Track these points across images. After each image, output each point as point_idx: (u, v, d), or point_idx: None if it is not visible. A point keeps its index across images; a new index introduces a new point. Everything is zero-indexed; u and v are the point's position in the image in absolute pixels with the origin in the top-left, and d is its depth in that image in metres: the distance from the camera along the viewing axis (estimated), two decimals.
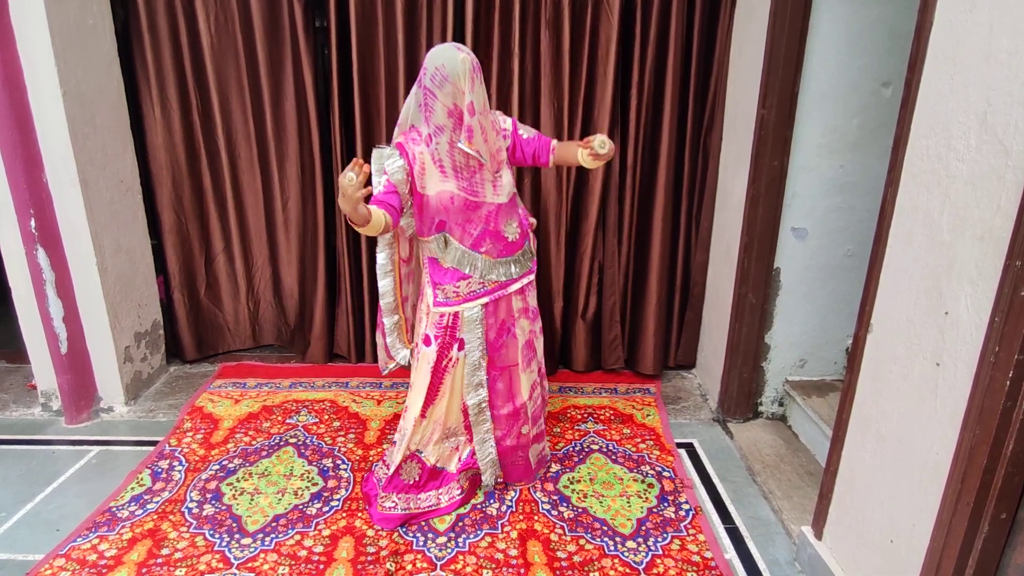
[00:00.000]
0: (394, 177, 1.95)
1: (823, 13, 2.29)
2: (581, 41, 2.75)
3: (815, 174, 2.47)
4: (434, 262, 2.11)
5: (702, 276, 3.08)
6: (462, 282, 2.07)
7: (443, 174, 1.98)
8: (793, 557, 2.07)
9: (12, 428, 2.78)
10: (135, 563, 1.99)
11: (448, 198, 1.99)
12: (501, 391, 2.22)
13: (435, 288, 2.11)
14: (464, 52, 1.87)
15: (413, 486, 2.17)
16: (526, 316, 2.23)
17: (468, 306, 2.09)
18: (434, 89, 1.88)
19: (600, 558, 2.03)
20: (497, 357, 2.18)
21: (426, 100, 1.91)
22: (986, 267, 1.30)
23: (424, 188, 1.99)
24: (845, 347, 2.67)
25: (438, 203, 1.99)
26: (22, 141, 2.46)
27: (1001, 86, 1.27)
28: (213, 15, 2.84)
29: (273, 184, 3.11)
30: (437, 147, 1.95)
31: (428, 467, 2.18)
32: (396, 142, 2.02)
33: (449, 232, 2.05)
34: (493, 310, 2.14)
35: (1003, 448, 1.27)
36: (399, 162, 1.96)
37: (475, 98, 1.88)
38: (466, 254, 2.05)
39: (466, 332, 2.12)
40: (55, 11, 2.42)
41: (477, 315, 2.10)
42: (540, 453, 2.39)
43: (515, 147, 2.12)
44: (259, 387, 3.07)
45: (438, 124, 1.92)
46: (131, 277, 2.94)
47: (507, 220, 2.09)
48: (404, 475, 2.17)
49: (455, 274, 2.07)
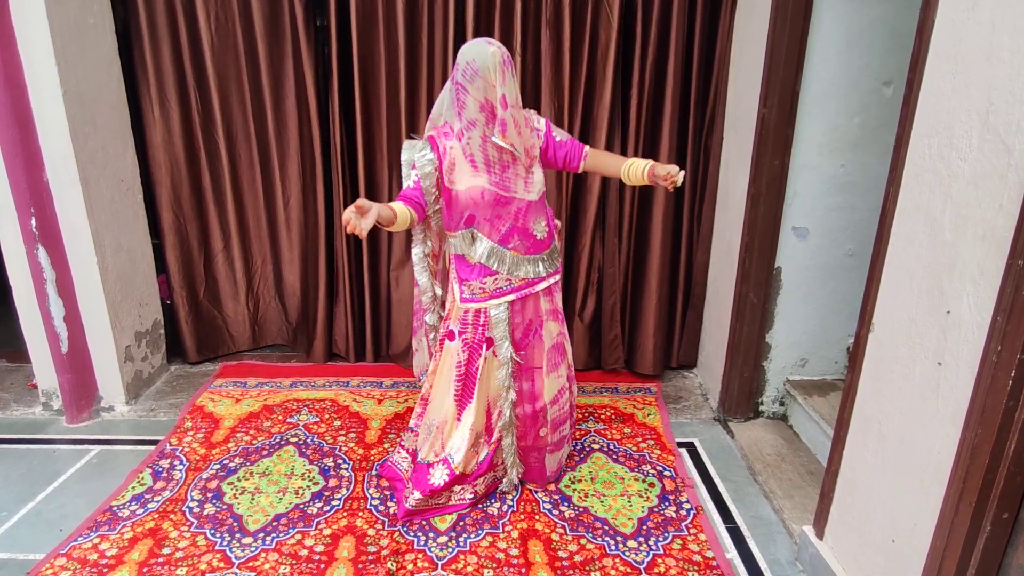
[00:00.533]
0: (422, 171, 1.97)
1: (824, 11, 2.29)
2: (581, 40, 2.74)
3: (816, 173, 2.47)
4: (460, 258, 2.10)
5: (703, 276, 3.08)
6: (488, 278, 2.06)
7: (475, 169, 1.98)
8: (794, 557, 2.06)
9: (13, 427, 2.78)
10: (136, 562, 1.99)
11: (479, 193, 1.98)
12: (523, 391, 2.21)
13: (461, 284, 2.10)
14: (495, 46, 1.87)
15: (442, 488, 2.16)
16: (554, 318, 2.21)
17: (494, 303, 2.08)
18: (465, 84, 1.88)
19: (601, 557, 2.03)
20: (521, 357, 2.17)
21: (458, 95, 1.92)
22: (988, 266, 1.30)
23: (453, 183, 1.99)
24: (846, 346, 2.67)
25: (468, 198, 1.99)
26: (23, 140, 2.46)
27: (1003, 85, 1.26)
28: (213, 14, 2.84)
29: (273, 183, 3.11)
30: (469, 141, 1.95)
31: (456, 474, 2.16)
32: (428, 135, 2.02)
33: (477, 227, 2.04)
34: (520, 308, 2.13)
35: (1005, 448, 1.26)
36: (429, 155, 1.97)
37: (507, 91, 1.88)
38: (495, 249, 2.04)
39: (494, 331, 2.11)
40: (55, 10, 2.42)
41: (504, 313, 2.09)
42: (559, 461, 2.38)
43: (547, 148, 2.09)
44: (260, 386, 3.07)
45: (470, 119, 1.92)
46: (131, 276, 2.94)
47: (536, 218, 2.08)
48: (433, 479, 2.16)
49: (482, 270, 2.06)
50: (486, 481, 2.25)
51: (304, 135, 3.01)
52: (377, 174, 3.03)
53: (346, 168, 2.99)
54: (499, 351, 2.12)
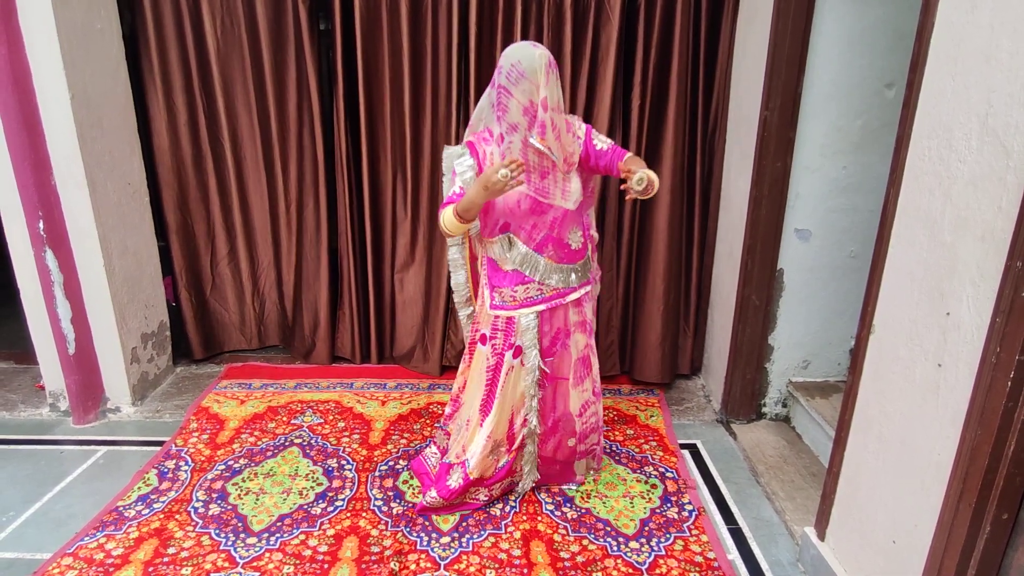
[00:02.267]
0: (463, 177, 1.95)
1: (826, 13, 2.29)
2: (583, 41, 2.76)
3: (818, 175, 2.47)
4: (493, 264, 2.10)
5: (706, 278, 3.07)
6: (520, 287, 2.06)
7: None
8: (796, 558, 2.07)
9: (20, 428, 2.80)
10: (142, 562, 2.00)
11: (515, 200, 1.96)
12: (547, 401, 2.21)
13: (492, 290, 2.10)
14: (540, 48, 1.86)
15: (457, 491, 2.18)
16: (581, 330, 2.19)
17: (524, 312, 2.08)
18: (510, 86, 1.85)
19: (603, 558, 2.03)
20: (548, 366, 2.17)
21: (500, 98, 1.88)
22: (987, 268, 1.30)
23: None
24: (848, 348, 2.66)
25: (504, 204, 1.97)
26: (30, 144, 2.48)
27: (1002, 87, 1.27)
28: (219, 19, 2.86)
29: (278, 186, 3.13)
30: (510, 146, 1.92)
31: (471, 479, 2.17)
32: (467, 141, 2.02)
33: (514, 234, 2.04)
34: (548, 317, 2.11)
35: (1004, 449, 1.27)
36: (469, 161, 1.97)
37: (549, 94, 1.86)
38: (529, 255, 2.03)
39: (522, 339, 2.09)
40: (63, 15, 2.45)
41: (533, 321, 2.09)
42: (587, 466, 2.40)
43: (587, 156, 2.03)
44: (264, 388, 3.09)
45: (512, 122, 1.89)
46: (138, 278, 2.96)
47: (572, 228, 2.06)
48: (451, 481, 2.19)
49: (515, 277, 2.05)
50: (503, 486, 2.26)
51: (308, 138, 3.02)
52: (381, 176, 3.05)
53: (350, 170, 3.01)
54: (527, 359, 2.12)
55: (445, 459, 2.25)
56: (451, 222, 1.92)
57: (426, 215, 3.07)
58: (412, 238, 3.12)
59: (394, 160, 3.01)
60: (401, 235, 3.14)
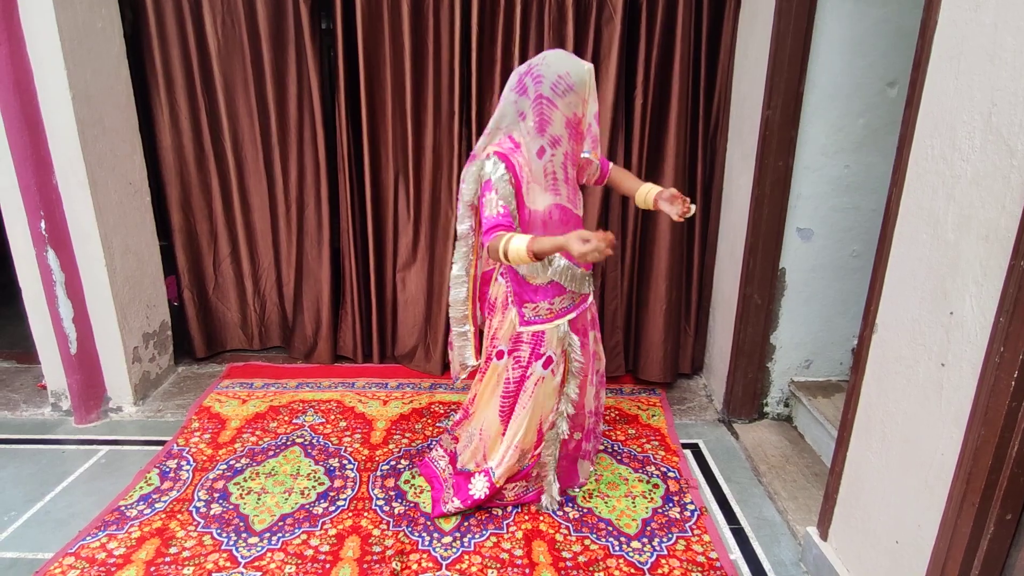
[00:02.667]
0: (504, 192, 1.85)
1: (828, 12, 2.29)
2: (584, 41, 2.75)
3: (820, 174, 2.47)
4: (520, 280, 2.02)
5: (708, 277, 3.07)
6: (557, 298, 2.03)
7: (551, 186, 1.93)
8: (798, 558, 2.06)
9: (22, 428, 2.81)
10: (143, 561, 2.00)
11: (548, 212, 1.93)
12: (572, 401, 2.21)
13: (522, 306, 2.04)
14: (587, 62, 1.84)
15: (482, 500, 2.17)
16: (594, 327, 2.21)
17: (560, 323, 2.05)
18: (555, 98, 1.80)
19: (605, 558, 2.03)
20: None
21: (542, 109, 1.82)
22: (991, 267, 1.30)
23: (531, 203, 1.91)
24: (851, 347, 2.66)
25: (540, 218, 1.93)
26: (32, 143, 2.48)
27: (1006, 86, 1.27)
28: (220, 18, 2.86)
29: (278, 186, 3.13)
30: (552, 159, 1.88)
31: (497, 488, 2.17)
32: (493, 151, 1.90)
33: None
34: (574, 322, 2.11)
35: (1008, 448, 1.26)
36: (506, 175, 1.86)
37: (597, 107, 1.89)
38: (568, 266, 2.00)
39: (555, 348, 2.06)
40: (64, 14, 2.45)
41: (565, 330, 2.07)
42: (588, 470, 2.40)
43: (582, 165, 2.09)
44: (266, 387, 3.09)
45: (554, 135, 1.85)
46: (139, 278, 2.96)
47: None
48: (474, 490, 2.17)
49: (551, 290, 2.01)
50: (516, 490, 2.23)
51: (310, 137, 3.02)
52: (382, 175, 3.05)
53: (352, 169, 3.01)
54: (572, 364, 2.10)
55: (461, 467, 2.24)
56: (521, 258, 1.78)
57: (428, 214, 3.07)
58: (414, 237, 3.12)
59: (396, 159, 3.00)
60: (403, 234, 3.14)
